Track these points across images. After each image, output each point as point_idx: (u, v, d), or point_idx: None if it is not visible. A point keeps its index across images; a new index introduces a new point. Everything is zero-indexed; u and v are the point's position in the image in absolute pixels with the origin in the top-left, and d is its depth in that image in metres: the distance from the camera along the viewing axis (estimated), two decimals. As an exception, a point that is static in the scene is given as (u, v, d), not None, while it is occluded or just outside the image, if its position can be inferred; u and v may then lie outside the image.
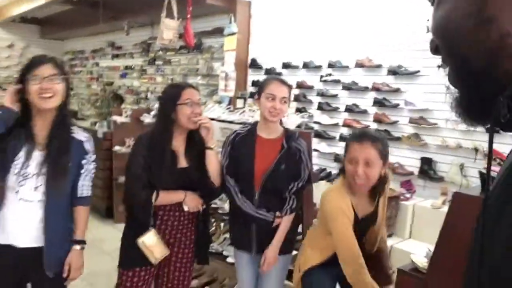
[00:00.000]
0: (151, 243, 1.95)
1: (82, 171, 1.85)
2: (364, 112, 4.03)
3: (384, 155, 1.82)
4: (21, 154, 1.71)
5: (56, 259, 1.81)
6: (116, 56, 8.20)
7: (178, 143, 2.03)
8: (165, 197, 1.98)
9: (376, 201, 1.94)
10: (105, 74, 8.48)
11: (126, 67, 7.83)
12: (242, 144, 2.13)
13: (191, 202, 2.02)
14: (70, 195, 1.84)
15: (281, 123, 2.20)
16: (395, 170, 3.62)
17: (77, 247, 1.86)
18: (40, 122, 1.75)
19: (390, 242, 3.05)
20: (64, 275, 1.83)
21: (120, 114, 4.62)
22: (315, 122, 4.39)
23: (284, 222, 2.09)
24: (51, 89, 1.70)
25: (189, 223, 2.08)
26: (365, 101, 4.03)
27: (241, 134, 2.17)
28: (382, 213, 1.98)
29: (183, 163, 2.02)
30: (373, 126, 3.91)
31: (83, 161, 1.85)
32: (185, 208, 2.02)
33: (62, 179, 1.78)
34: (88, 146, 1.86)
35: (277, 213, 2.09)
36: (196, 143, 2.05)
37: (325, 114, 4.35)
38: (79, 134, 1.85)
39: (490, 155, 0.54)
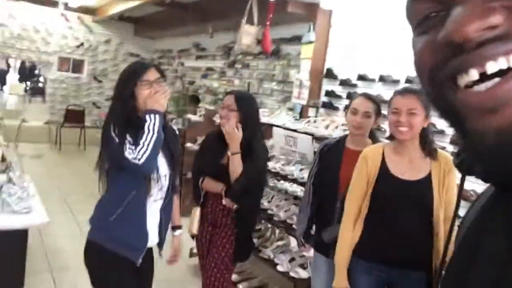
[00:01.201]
0: (192, 216, 2.38)
1: None
2: (441, 132, 3.82)
3: (426, 107, 1.83)
4: None
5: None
6: (199, 57, 8.57)
7: None
8: (208, 184, 2.35)
9: (429, 167, 1.88)
10: (188, 74, 8.90)
11: (208, 68, 8.15)
12: (330, 154, 2.33)
13: (225, 196, 2.28)
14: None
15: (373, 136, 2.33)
16: (469, 198, 3.38)
17: (179, 232, 2.20)
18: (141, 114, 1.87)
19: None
20: (172, 258, 2.18)
21: (195, 113, 4.84)
22: (387, 138, 4.24)
23: None
24: (163, 91, 1.80)
25: (228, 216, 2.35)
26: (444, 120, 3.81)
27: (330, 144, 2.38)
28: (438, 185, 1.86)
29: (225, 160, 2.27)
30: (450, 148, 3.69)
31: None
32: (223, 201, 2.28)
33: (177, 171, 2.08)
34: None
35: None
36: (246, 147, 2.25)
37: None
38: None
39: (459, 198, 0.53)
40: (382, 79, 4.46)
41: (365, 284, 1.93)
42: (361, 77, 4.69)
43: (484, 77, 0.39)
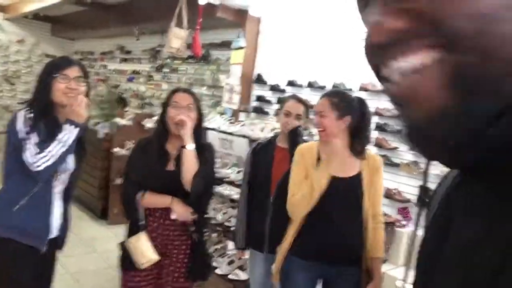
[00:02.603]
0: (139, 246, 1.93)
1: None
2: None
3: (338, 108, 1.96)
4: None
5: None
6: (124, 60, 8.26)
7: (172, 146, 2.05)
8: (151, 198, 1.98)
9: (359, 166, 2.00)
10: (112, 77, 8.53)
11: (134, 72, 7.88)
12: (262, 153, 2.39)
13: (178, 208, 1.97)
14: None
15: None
16: (393, 196, 3.60)
17: None
18: (60, 116, 1.85)
19: (384, 268, 3.03)
20: None
21: (122, 117, 4.64)
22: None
23: None
24: (77, 89, 1.81)
25: (182, 234, 2.02)
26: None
27: (262, 144, 2.44)
28: (368, 180, 1.97)
29: (171, 166, 2.01)
30: (374, 150, 3.91)
31: None
32: (172, 216, 1.96)
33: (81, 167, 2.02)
34: None
35: None
36: None
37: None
38: None
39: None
40: (310, 85, 4.62)
41: (300, 282, 1.97)
42: (290, 83, 4.82)
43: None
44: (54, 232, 1.90)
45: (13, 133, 1.74)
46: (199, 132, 2.04)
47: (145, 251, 1.92)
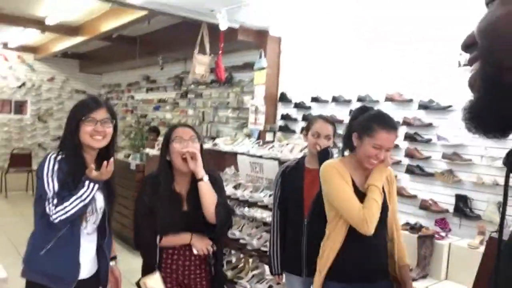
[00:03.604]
0: (153, 286, 1.94)
1: None
2: (395, 147, 3.97)
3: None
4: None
5: None
6: (150, 89, 8.47)
7: (181, 185, 2.04)
8: (170, 240, 1.98)
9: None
10: (140, 107, 8.74)
11: (160, 100, 8.06)
12: (291, 176, 2.37)
13: (198, 244, 1.99)
14: None
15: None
16: (429, 208, 3.51)
17: (114, 262, 2.11)
18: (88, 156, 1.89)
19: (425, 283, 2.94)
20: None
21: (153, 147, 4.74)
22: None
23: None
24: (103, 132, 1.84)
25: (201, 263, 2.04)
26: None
27: (290, 166, 2.41)
28: (388, 195, 1.98)
29: (185, 207, 2.01)
30: (405, 161, 3.84)
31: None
32: (194, 251, 1.98)
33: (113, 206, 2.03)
34: None
35: None
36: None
37: (355, 148, 4.30)
38: None
39: (506, 194, 0.53)
40: (334, 99, 4.61)
41: None
42: (315, 99, 4.81)
43: None
44: (85, 272, 1.89)
45: (40, 177, 1.78)
46: (203, 162, 2.02)
47: None
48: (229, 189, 3.01)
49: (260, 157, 2.90)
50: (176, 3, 4.28)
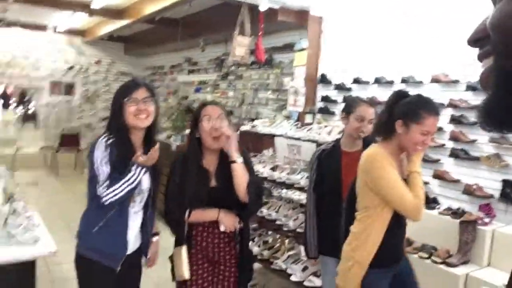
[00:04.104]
0: (177, 259, 2.03)
1: None
2: (439, 129, 3.83)
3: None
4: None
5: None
6: (191, 71, 8.59)
7: (210, 162, 2.07)
8: (198, 216, 2.03)
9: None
10: (181, 89, 8.90)
11: (201, 82, 8.16)
12: (328, 159, 2.36)
13: (226, 221, 2.02)
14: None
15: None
16: (473, 193, 3.39)
17: (156, 238, 2.22)
18: (134, 138, 1.97)
19: (466, 269, 2.87)
20: (151, 262, 2.20)
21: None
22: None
23: None
24: (146, 110, 1.91)
25: (230, 241, 2.08)
26: (441, 118, 3.82)
27: (327, 149, 2.39)
28: None
29: (213, 182, 2.05)
30: (449, 144, 3.71)
31: None
32: (221, 228, 2.01)
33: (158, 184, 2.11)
34: None
35: None
36: (227, 162, 2.04)
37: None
38: None
39: None
40: (377, 81, 4.49)
41: None
42: (356, 80, 4.71)
43: None
44: (131, 247, 2.01)
45: (91, 160, 1.90)
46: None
47: (178, 266, 2.02)
48: (266, 171, 3.04)
49: (298, 139, 2.90)
50: (216, -15, 4.29)
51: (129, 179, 1.84)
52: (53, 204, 6.13)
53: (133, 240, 2.01)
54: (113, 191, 1.82)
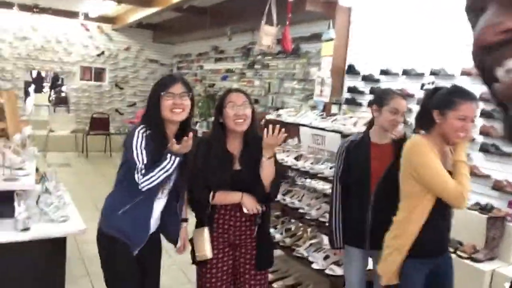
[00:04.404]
0: (198, 239, 2.09)
1: None
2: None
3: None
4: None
5: None
6: (218, 59, 8.64)
7: (233, 146, 2.13)
8: (221, 197, 2.09)
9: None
10: (208, 76, 8.97)
11: (227, 70, 8.20)
12: (356, 150, 2.35)
13: (248, 203, 2.08)
14: None
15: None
16: (503, 188, 3.32)
17: (185, 224, 2.29)
18: (169, 131, 2.03)
19: (492, 265, 2.82)
20: (181, 248, 2.27)
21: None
22: (415, 132, 4.18)
23: None
24: (182, 104, 1.97)
25: (251, 225, 2.14)
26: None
27: (356, 140, 2.39)
28: None
29: (237, 165, 2.11)
30: (480, 139, 3.63)
31: None
32: (244, 210, 2.07)
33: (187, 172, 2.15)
34: None
35: None
36: (251, 147, 2.12)
37: (425, 123, 4.13)
38: None
39: None
40: (405, 72, 4.41)
41: (419, 281, 1.97)
42: (384, 72, 4.64)
43: None
44: (152, 230, 2.09)
45: (128, 148, 1.96)
46: (254, 126, 2.13)
47: (200, 245, 2.07)
48: (290, 160, 3.06)
49: (323, 129, 2.89)
50: (246, -27, 4.28)
51: (164, 167, 1.90)
52: (83, 184, 6.33)
53: (153, 223, 2.09)
54: (150, 177, 1.89)
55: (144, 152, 1.93)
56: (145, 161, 1.92)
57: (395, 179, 2.06)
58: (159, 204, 2.09)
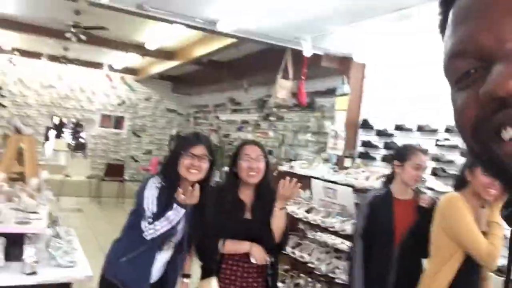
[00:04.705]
0: None
1: None
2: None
3: None
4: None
5: None
6: (234, 110, 8.81)
7: (245, 196, 2.14)
8: (231, 246, 2.07)
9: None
10: (224, 127, 9.12)
11: (243, 121, 8.34)
12: (380, 206, 2.33)
13: (257, 254, 2.06)
14: None
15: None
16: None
17: (188, 280, 2.23)
18: (182, 187, 2.03)
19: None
20: None
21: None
22: (428, 188, 4.12)
23: None
24: (199, 166, 2.00)
25: (258, 276, 2.10)
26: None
27: (380, 196, 2.38)
28: None
29: (248, 214, 2.11)
30: None
31: None
32: (252, 260, 2.05)
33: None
34: None
35: None
36: (263, 197, 2.13)
37: (440, 180, 4.08)
38: None
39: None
40: (420, 128, 4.42)
41: None
42: (398, 127, 4.66)
43: None
44: (151, 279, 2.07)
45: (140, 196, 2.01)
46: (268, 179, 2.15)
47: None
48: (301, 212, 3.03)
49: (335, 182, 2.88)
50: (264, 31, 4.46)
51: (169, 217, 1.92)
52: (93, 230, 6.32)
53: (155, 274, 2.07)
54: (154, 227, 1.92)
55: (155, 202, 1.96)
56: (154, 211, 1.94)
57: (420, 235, 2.07)
58: (163, 256, 2.08)
